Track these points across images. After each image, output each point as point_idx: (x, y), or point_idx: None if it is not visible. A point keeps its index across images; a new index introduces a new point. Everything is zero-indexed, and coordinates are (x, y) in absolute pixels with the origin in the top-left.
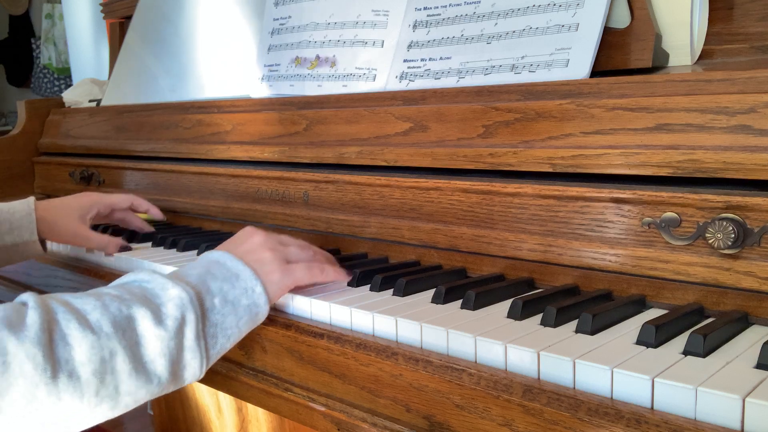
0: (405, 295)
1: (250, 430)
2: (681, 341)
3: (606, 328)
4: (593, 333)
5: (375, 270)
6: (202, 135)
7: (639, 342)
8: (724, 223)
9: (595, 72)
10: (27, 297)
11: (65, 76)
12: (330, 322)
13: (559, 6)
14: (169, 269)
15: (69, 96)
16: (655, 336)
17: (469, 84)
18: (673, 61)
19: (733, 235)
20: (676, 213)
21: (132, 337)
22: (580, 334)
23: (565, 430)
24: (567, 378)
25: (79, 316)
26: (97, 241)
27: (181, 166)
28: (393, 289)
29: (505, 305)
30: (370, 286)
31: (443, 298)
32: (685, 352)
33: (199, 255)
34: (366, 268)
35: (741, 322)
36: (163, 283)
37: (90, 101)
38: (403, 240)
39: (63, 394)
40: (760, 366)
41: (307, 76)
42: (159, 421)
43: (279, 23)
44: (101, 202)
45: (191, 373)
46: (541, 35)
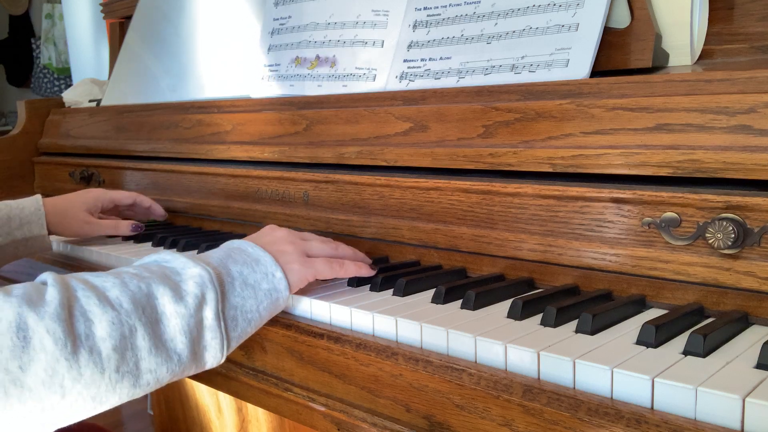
0: (405, 295)
1: (250, 430)
2: (681, 341)
3: (606, 328)
4: (593, 333)
5: None
6: (202, 135)
7: (639, 342)
8: (724, 223)
9: (595, 72)
10: (46, 276)
11: (65, 76)
12: (330, 322)
13: (559, 6)
14: None
15: (69, 96)
16: (655, 336)
17: (469, 84)
18: (673, 61)
19: (733, 235)
20: (676, 213)
21: (152, 314)
22: (580, 334)
23: (565, 430)
24: (567, 378)
25: (99, 293)
26: (107, 225)
27: (181, 166)
28: (393, 289)
29: (505, 305)
30: (370, 286)
31: (443, 298)
32: (685, 352)
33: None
34: None
35: (741, 322)
36: (184, 261)
37: (90, 101)
38: (403, 240)
39: (84, 369)
40: (760, 366)
41: (307, 76)
42: (159, 421)
43: (279, 23)
44: (104, 197)
45: (212, 355)
46: (541, 35)
